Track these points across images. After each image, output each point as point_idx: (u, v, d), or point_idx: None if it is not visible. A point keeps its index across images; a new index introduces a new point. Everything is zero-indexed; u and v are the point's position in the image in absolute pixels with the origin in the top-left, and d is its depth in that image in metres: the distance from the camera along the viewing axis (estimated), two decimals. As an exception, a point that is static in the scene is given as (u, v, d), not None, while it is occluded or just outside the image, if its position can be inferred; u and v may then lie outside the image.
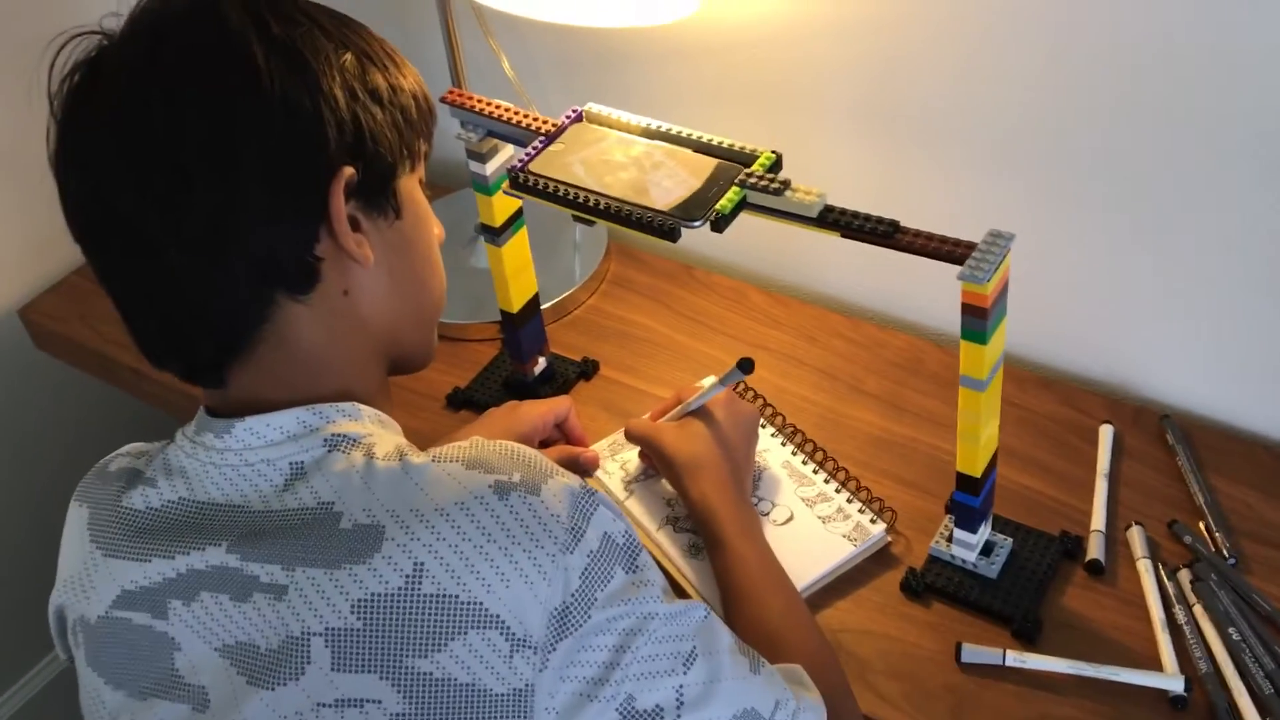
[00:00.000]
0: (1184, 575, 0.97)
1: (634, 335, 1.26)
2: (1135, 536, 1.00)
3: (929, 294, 1.24)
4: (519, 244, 1.10)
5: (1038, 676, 0.92)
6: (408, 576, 0.69)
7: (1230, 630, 0.92)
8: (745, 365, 0.98)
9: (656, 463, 1.05)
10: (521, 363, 1.17)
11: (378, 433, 0.76)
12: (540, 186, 0.92)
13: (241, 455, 0.74)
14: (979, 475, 0.92)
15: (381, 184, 0.76)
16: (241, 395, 0.76)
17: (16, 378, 1.49)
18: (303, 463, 0.73)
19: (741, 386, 1.17)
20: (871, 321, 1.25)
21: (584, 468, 1.10)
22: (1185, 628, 0.94)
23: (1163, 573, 0.97)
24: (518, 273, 1.11)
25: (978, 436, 0.90)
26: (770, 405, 1.15)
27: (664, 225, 0.87)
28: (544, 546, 0.69)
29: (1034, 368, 1.20)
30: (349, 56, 0.75)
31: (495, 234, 1.07)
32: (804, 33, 1.15)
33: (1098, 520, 1.02)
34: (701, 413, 1.03)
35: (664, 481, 1.08)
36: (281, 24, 0.73)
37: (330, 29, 0.75)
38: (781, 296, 1.28)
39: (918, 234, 0.84)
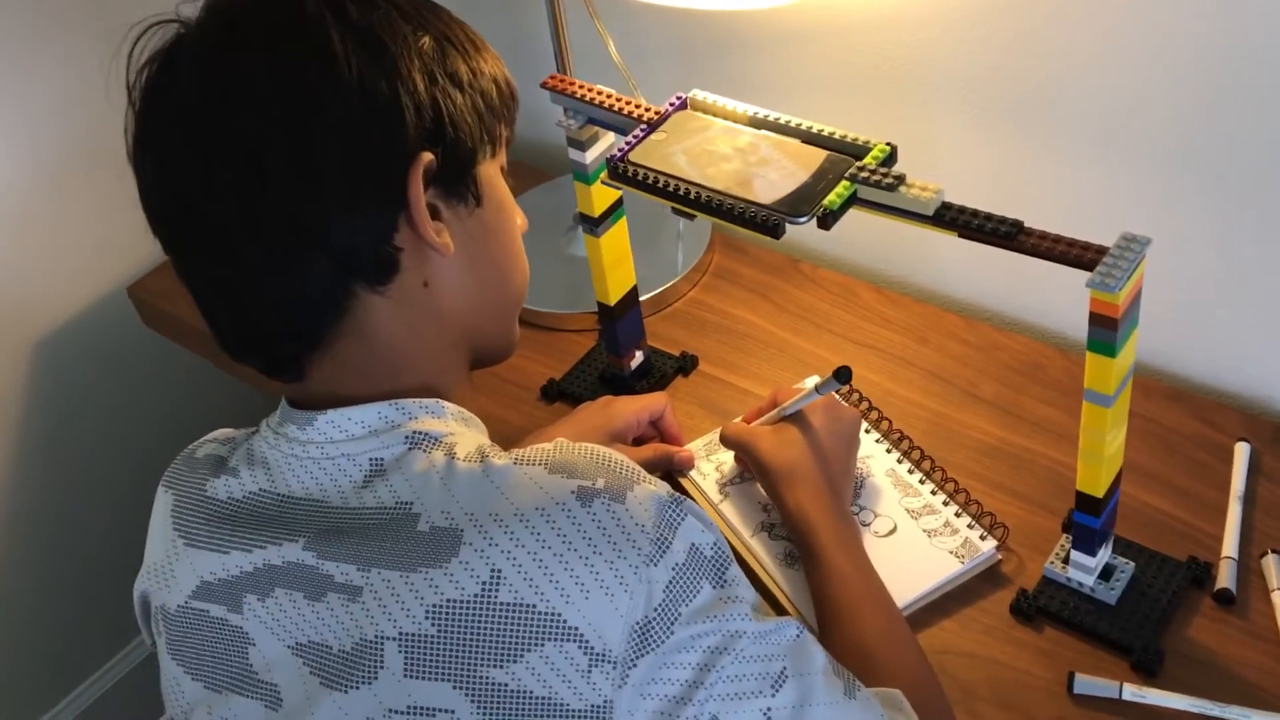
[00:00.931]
0: (1326, 611, 0.90)
1: (736, 330, 1.21)
2: (1271, 566, 0.93)
3: (1052, 294, 1.17)
4: (618, 235, 1.06)
5: (1157, 713, 0.86)
6: (484, 584, 0.66)
7: (1377, 675, 0.85)
8: (843, 374, 0.93)
9: (752, 468, 1.00)
10: (618, 356, 1.13)
11: (460, 431, 0.73)
12: (639, 177, 0.88)
13: (323, 449, 0.72)
14: (1101, 496, 0.86)
15: (461, 170, 0.74)
16: (322, 388, 0.74)
17: (124, 354, 1.51)
18: (383, 459, 0.71)
19: (846, 389, 1.12)
20: (989, 322, 1.18)
21: (678, 467, 1.06)
22: (1326, 669, 0.86)
23: (1302, 607, 0.90)
24: (616, 264, 1.07)
25: (1101, 455, 0.83)
26: (876, 409, 1.09)
27: (768, 221, 0.83)
28: (626, 557, 0.66)
29: (1164, 377, 1.12)
30: (427, 40, 0.72)
31: (594, 224, 1.03)
32: (922, 15, 1.09)
33: (1229, 546, 0.94)
34: (799, 417, 0.98)
35: (760, 485, 1.03)
36: (358, 8, 0.70)
37: (409, 11, 0.72)
38: (892, 294, 1.22)
39: (1043, 236, 0.78)
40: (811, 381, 1.07)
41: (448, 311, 0.75)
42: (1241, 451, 1.01)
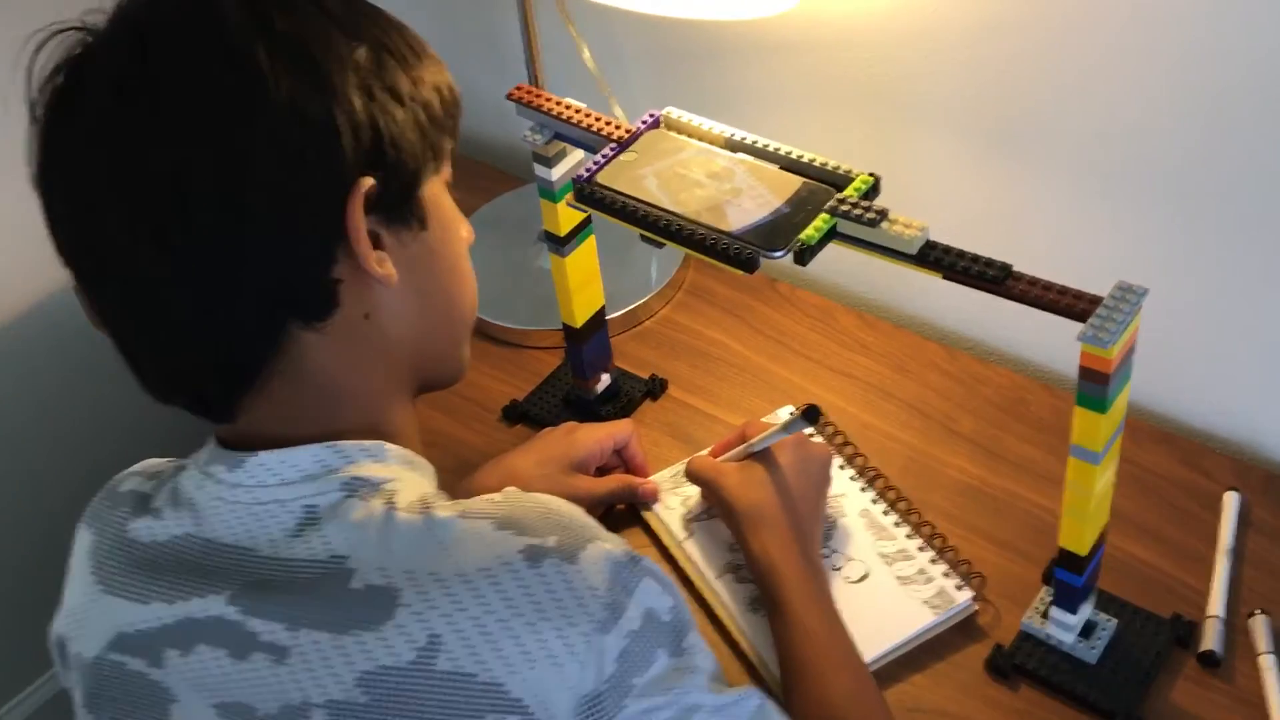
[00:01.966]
0: (1316, 679, 0.85)
1: (708, 353, 1.16)
2: (1259, 627, 0.88)
3: (1038, 326, 1.11)
4: (585, 254, 1.01)
5: (1138, 785, 0.82)
6: (421, 650, 0.61)
7: (1368, 751, 0.80)
8: (811, 414, 0.88)
9: (717, 507, 0.95)
10: (583, 380, 1.08)
11: (403, 476, 0.68)
12: (607, 201, 0.83)
13: (253, 493, 0.67)
14: (1085, 554, 0.81)
15: (404, 193, 0.67)
16: (255, 429, 0.68)
17: (78, 357, 1.45)
18: (317, 507, 0.66)
19: (821, 419, 1.07)
20: (970, 353, 1.14)
21: (642, 500, 1.01)
22: (1314, 742, 0.82)
23: (1290, 674, 0.85)
24: (583, 285, 1.02)
25: (1086, 512, 0.79)
26: (851, 444, 1.04)
27: (740, 254, 0.78)
28: (577, 624, 0.61)
29: (1151, 417, 1.08)
30: (363, 51, 0.65)
31: (560, 243, 0.98)
32: (912, 32, 1.04)
33: (1216, 604, 0.90)
34: (767, 455, 0.93)
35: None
36: (286, 17, 0.63)
37: (342, 18, 0.65)
38: (872, 318, 1.17)
39: (1033, 282, 0.73)
40: (785, 413, 1.02)
41: (393, 342, 0.69)
42: (1230, 502, 0.97)
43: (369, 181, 0.64)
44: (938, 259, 0.75)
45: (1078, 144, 1.00)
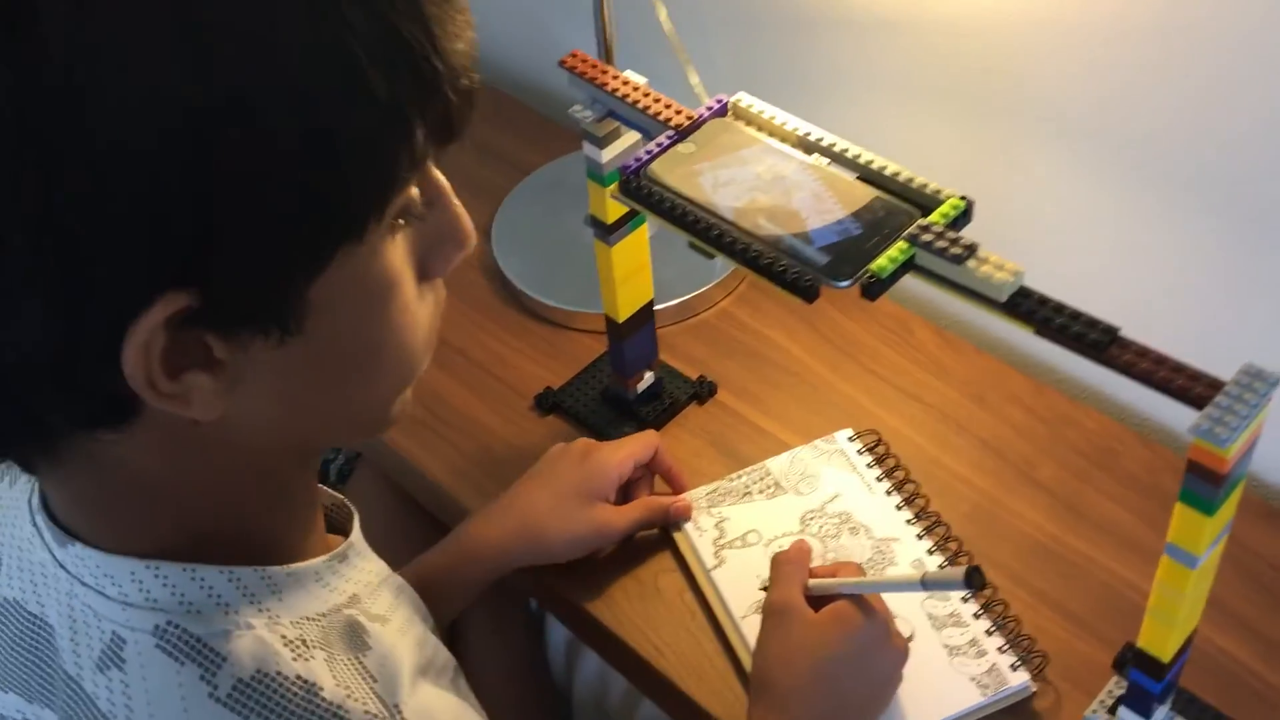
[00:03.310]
0: None
1: (765, 356, 1.05)
2: (1362, 755, 0.76)
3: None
4: (635, 244, 0.90)
5: None
6: None
7: None
8: (975, 579, 0.70)
9: (763, 632, 0.79)
10: (624, 377, 0.98)
11: (256, 626, 0.52)
12: (655, 198, 0.72)
13: (71, 588, 0.54)
14: (1167, 660, 0.70)
15: (261, 299, 0.46)
16: (70, 510, 0.55)
17: None
18: (124, 644, 0.52)
19: (882, 449, 0.96)
20: (1059, 389, 1.01)
21: (674, 519, 0.91)
22: None
23: (1393, 818, 0.74)
24: (629, 277, 0.92)
25: (1175, 618, 0.67)
26: (913, 481, 0.93)
27: (799, 280, 0.67)
28: None
29: (1259, 488, 0.95)
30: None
31: (606, 231, 0.88)
32: (1035, 22, 0.90)
33: (1314, 721, 0.78)
34: (857, 623, 0.75)
35: (766, 555, 0.88)
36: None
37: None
38: (953, 336, 1.05)
39: (1142, 353, 0.61)
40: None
41: (243, 444, 0.51)
42: (1343, 599, 0.84)
43: (177, 304, 0.43)
44: (1030, 311, 0.63)
45: (1209, 173, 0.87)
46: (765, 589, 0.86)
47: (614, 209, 0.86)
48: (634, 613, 0.88)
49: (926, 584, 0.74)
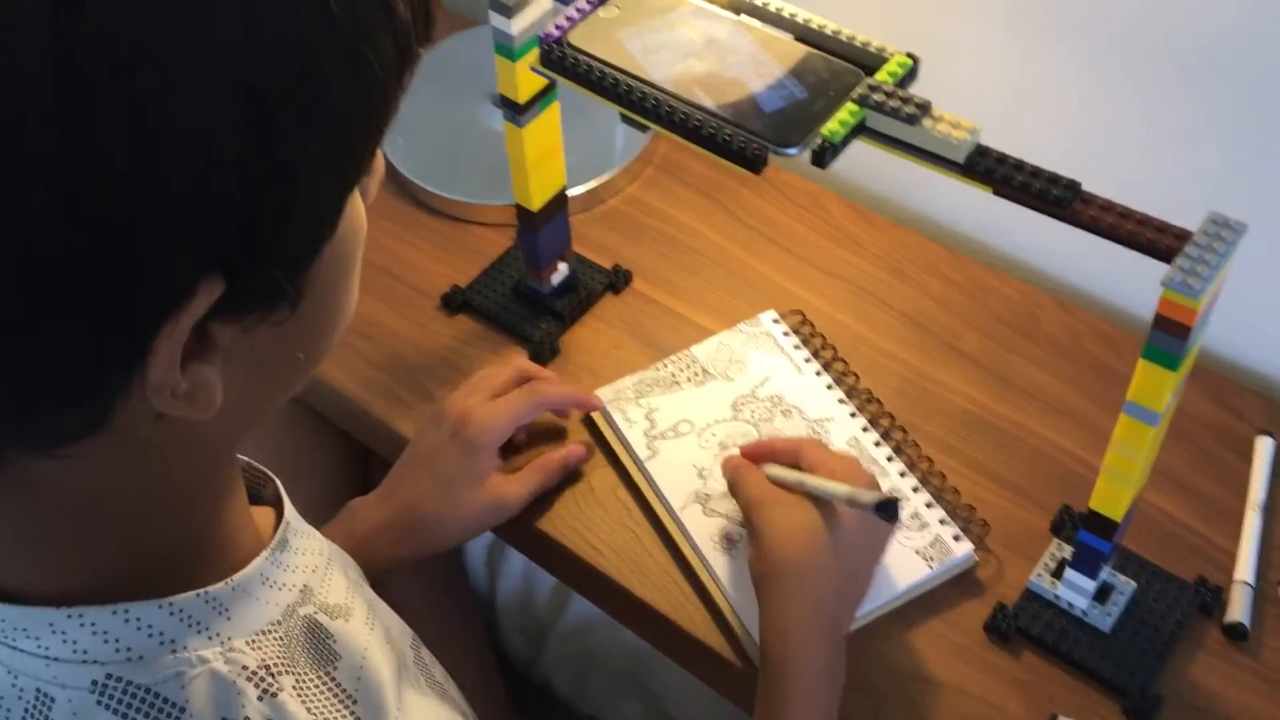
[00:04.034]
0: (1354, 661, 0.76)
1: (679, 241, 1.01)
2: (1293, 597, 0.78)
3: (1057, 231, 0.98)
4: (547, 124, 0.85)
5: (1152, 775, 0.72)
6: None
7: None
8: (890, 512, 0.69)
9: (749, 537, 0.75)
10: (537, 270, 0.93)
11: (196, 679, 0.45)
12: (580, 69, 0.67)
13: None
14: (1119, 519, 0.70)
15: (284, 272, 0.41)
16: None
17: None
18: (52, 702, 0.44)
19: (808, 329, 0.93)
20: (978, 259, 1.00)
21: (575, 459, 0.84)
22: (1350, 734, 0.73)
23: (1326, 653, 0.76)
24: (543, 160, 0.86)
25: (1132, 476, 0.67)
26: (842, 360, 0.91)
27: (746, 149, 0.63)
28: None
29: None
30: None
31: (517, 111, 0.82)
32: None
33: (1244, 568, 0.80)
34: (829, 509, 0.73)
35: (701, 441, 0.86)
36: None
37: None
38: (868, 211, 1.03)
39: (1106, 206, 0.59)
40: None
41: (199, 437, 0.46)
42: (1263, 448, 0.86)
43: (211, 291, 0.38)
44: (989, 170, 0.61)
45: (1164, 37, 0.85)
46: (704, 474, 0.83)
47: (526, 87, 0.80)
48: (568, 514, 0.84)
49: (852, 502, 0.71)
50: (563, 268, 0.95)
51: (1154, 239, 0.58)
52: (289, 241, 0.40)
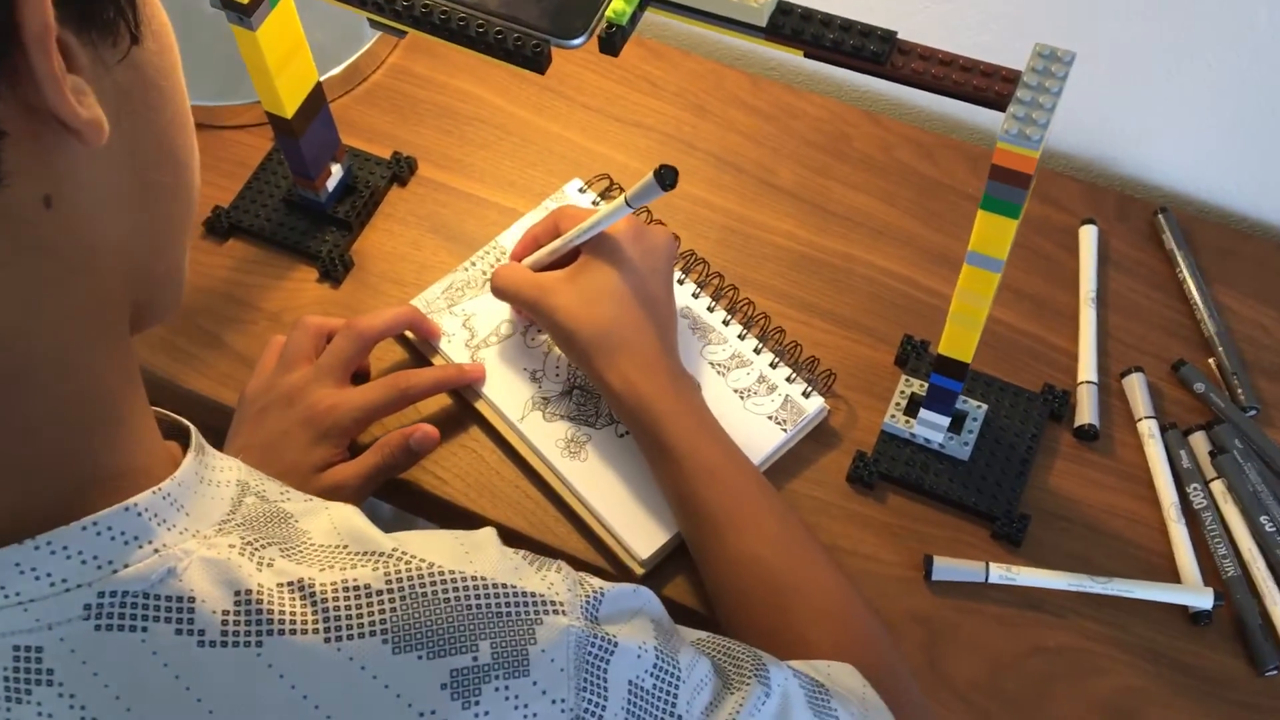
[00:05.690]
0: (1198, 441, 0.77)
1: (459, 111, 0.92)
2: (1135, 386, 0.79)
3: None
4: (283, 19, 0.73)
5: (1030, 594, 0.73)
6: None
7: (1262, 519, 0.74)
8: (667, 177, 0.65)
9: (550, 334, 0.75)
10: (309, 179, 0.83)
11: (189, 570, 0.41)
12: (310, -28, 0.57)
13: None
14: (969, 359, 0.68)
15: None
16: None
17: None
18: (40, 651, 0.39)
19: (616, 191, 0.87)
20: (778, 79, 0.94)
21: (416, 450, 0.75)
22: (1203, 515, 0.75)
23: (1171, 441, 0.77)
24: (287, 60, 0.75)
25: (979, 320, 0.64)
26: (659, 221, 0.85)
27: (524, 46, 0.54)
28: None
29: (983, 137, 0.93)
30: None
31: (245, 11, 0.70)
32: None
33: (1087, 367, 0.80)
34: (599, 249, 0.72)
35: (527, 341, 0.80)
36: None
37: None
38: (655, 43, 0.95)
39: (927, 54, 0.54)
40: (573, 189, 0.81)
41: (94, 247, 0.41)
42: (1088, 237, 0.85)
43: None
44: (796, 31, 0.54)
45: None
46: (536, 377, 0.78)
47: (249, -15, 0.69)
48: (399, 443, 0.78)
49: (630, 202, 0.69)
50: (336, 169, 0.85)
51: (982, 86, 0.53)
52: None
